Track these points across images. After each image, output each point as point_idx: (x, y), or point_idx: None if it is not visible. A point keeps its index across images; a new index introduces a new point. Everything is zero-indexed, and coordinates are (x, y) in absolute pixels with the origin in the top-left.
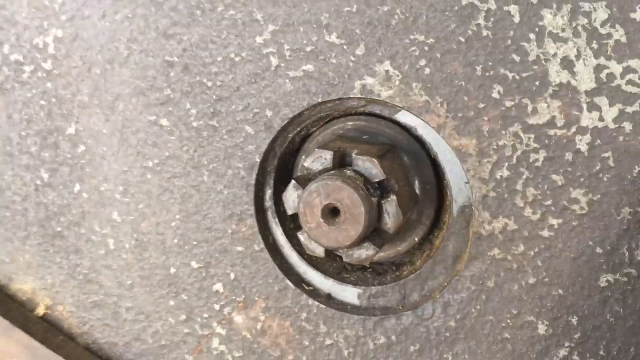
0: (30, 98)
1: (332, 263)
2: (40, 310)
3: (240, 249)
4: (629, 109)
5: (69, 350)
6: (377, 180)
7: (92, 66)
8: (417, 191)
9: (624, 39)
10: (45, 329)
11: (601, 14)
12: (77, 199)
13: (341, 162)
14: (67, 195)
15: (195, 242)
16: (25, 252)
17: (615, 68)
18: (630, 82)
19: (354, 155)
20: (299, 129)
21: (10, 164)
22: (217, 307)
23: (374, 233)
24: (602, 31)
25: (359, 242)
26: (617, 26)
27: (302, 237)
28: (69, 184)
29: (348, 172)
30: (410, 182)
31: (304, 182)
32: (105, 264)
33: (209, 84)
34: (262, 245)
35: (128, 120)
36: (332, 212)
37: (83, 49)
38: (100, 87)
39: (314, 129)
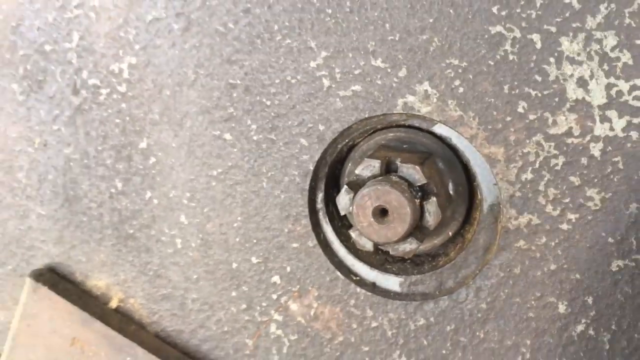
0: (107, 117)
1: (376, 256)
2: (114, 304)
3: (295, 245)
4: (636, 120)
5: (141, 338)
6: (419, 184)
7: (163, 88)
8: (452, 192)
9: (630, 62)
10: (119, 320)
11: (611, 41)
12: (148, 205)
13: (387, 169)
14: (139, 202)
15: (255, 240)
16: (100, 252)
17: (624, 86)
18: (636, 97)
19: (398, 163)
20: (347, 141)
21: (87, 175)
22: (274, 296)
23: (416, 229)
24: (612, 55)
25: (404, 238)
26: (625, 51)
27: (353, 234)
28: (141, 191)
29: (394, 177)
30: (446, 184)
31: (355, 187)
32: (173, 261)
33: (268, 103)
34: (315, 242)
35: (195, 135)
36: (381, 213)
37: (155, 73)
38: (170, 106)
39: (359, 139)
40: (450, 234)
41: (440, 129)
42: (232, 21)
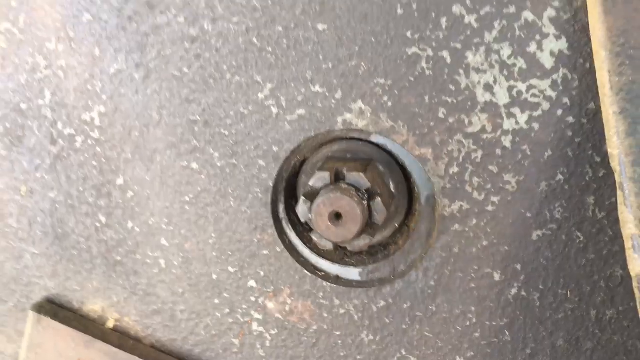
0: (84, 161)
1: (336, 253)
2: (111, 324)
3: (265, 252)
4: (535, 114)
5: (139, 351)
6: (365, 188)
7: (132, 130)
8: (393, 190)
9: (524, 66)
10: (118, 337)
11: (507, 51)
12: (131, 233)
13: (336, 177)
14: (122, 232)
15: (230, 253)
16: (92, 280)
17: (522, 87)
18: (533, 95)
19: (345, 171)
20: (298, 157)
21: (72, 214)
22: (253, 299)
23: (367, 226)
24: (509, 62)
25: (358, 235)
26: (519, 58)
27: (314, 237)
28: (123, 222)
29: (343, 185)
30: (387, 184)
31: (310, 196)
32: (159, 280)
33: (226, 133)
34: (282, 247)
35: (165, 168)
36: (336, 217)
37: (123, 118)
38: (140, 145)
39: (309, 154)
40: (396, 225)
41: (376, 139)
42: (186, 66)
